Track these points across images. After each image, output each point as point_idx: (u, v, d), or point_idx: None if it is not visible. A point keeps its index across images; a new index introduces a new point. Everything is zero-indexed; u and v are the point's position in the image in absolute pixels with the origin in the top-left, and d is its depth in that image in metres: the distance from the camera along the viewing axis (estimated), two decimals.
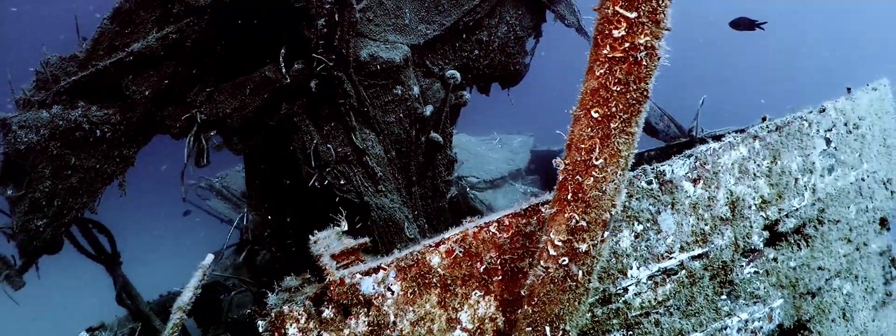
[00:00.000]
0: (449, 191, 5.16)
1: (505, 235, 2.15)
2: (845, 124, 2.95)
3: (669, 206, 2.45)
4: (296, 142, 4.80)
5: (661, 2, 1.42)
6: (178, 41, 4.75)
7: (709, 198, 2.53)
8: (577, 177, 1.67)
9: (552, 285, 1.82)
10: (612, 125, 1.58)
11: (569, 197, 1.69)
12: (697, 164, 2.51)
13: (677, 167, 2.48)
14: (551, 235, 1.77)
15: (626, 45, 1.48)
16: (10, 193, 5.12)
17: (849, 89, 3.14)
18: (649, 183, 2.43)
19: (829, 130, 2.91)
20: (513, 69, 5.49)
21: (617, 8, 1.44)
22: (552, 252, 1.78)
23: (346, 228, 2.27)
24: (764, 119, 3.71)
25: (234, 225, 7.84)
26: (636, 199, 2.39)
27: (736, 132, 3.39)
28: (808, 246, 2.80)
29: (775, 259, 2.72)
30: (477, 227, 2.14)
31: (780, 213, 2.72)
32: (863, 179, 3.07)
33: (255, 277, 6.26)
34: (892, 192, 3.26)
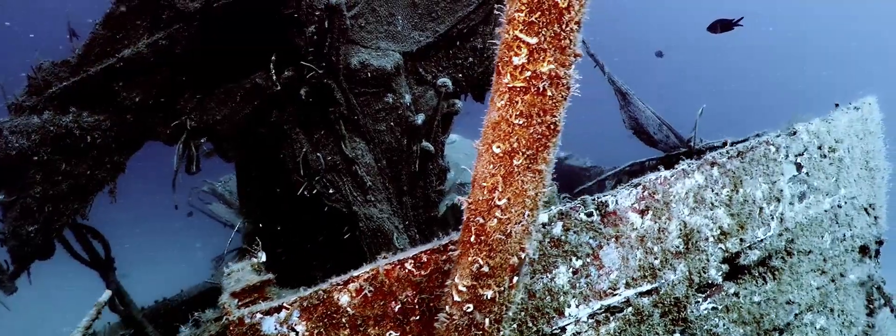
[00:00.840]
0: (442, 200, 5.08)
1: (422, 272, 2.02)
2: (819, 148, 2.80)
3: (613, 239, 2.31)
4: (286, 150, 4.74)
5: (566, 26, 1.30)
6: (168, 47, 4.72)
7: (659, 230, 2.39)
8: (480, 218, 1.53)
9: (457, 333, 1.71)
10: (515, 162, 1.45)
11: (472, 239, 1.58)
12: (645, 193, 2.37)
13: (622, 197, 2.34)
14: (456, 280, 1.65)
15: (528, 73, 1.35)
16: (1, 199, 5.11)
17: (837, 105, 3.01)
18: (589, 215, 2.29)
19: (801, 155, 2.76)
20: None
21: (517, 32, 1.31)
22: (457, 298, 1.65)
23: (263, 259, 2.17)
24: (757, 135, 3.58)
25: (235, 229, 7.80)
26: (574, 232, 2.26)
27: (732, 143, 3.26)
28: (774, 279, 2.65)
29: (736, 294, 2.58)
30: (390, 264, 2.00)
31: (741, 244, 2.57)
32: (839, 206, 2.90)
33: None
34: (875, 218, 3.10)
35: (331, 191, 4.58)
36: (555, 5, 1.28)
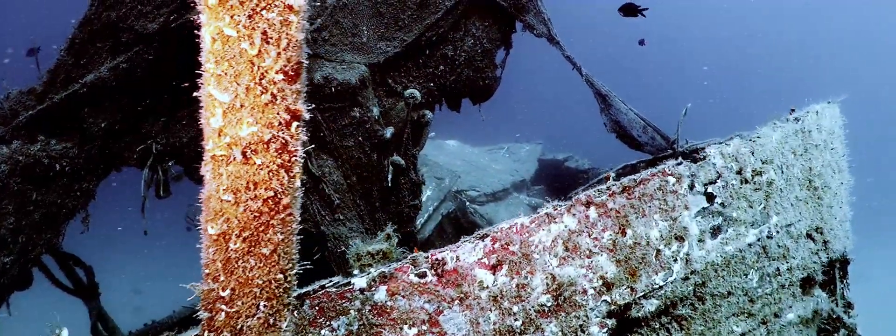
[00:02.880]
0: (417, 215, 4.91)
1: None
2: (739, 172, 2.48)
3: (456, 301, 2.00)
4: None
5: (263, 77, 1.07)
6: (129, 71, 4.62)
7: (518, 286, 2.06)
8: (207, 312, 1.31)
9: None
10: (231, 245, 1.20)
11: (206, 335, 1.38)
12: (496, 246, 2.05)
13: (465, 252, 2.05)
14: None
15: (227, 139, 1.09)
16: None
17: (792, 110, 2.76)
18: (422, 275, 2.00)
19: (712, 183, 2.43)
20: (482, 84, 5.23)
21: (210, 88, 1.05)
22: None
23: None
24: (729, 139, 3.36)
25: None
26: (403, 296, 1.97)
27: (715, 144, 3.02)
28: (681, 329, 2.33)
29: None
30: None
31: (633, 294, 2.24)
32: (770, 237, 2.56)
33: None
34: (824, 243, 2.76)
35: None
36: (242, 52, 1.02)
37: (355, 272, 2.05)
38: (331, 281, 2.06)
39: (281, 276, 1.28)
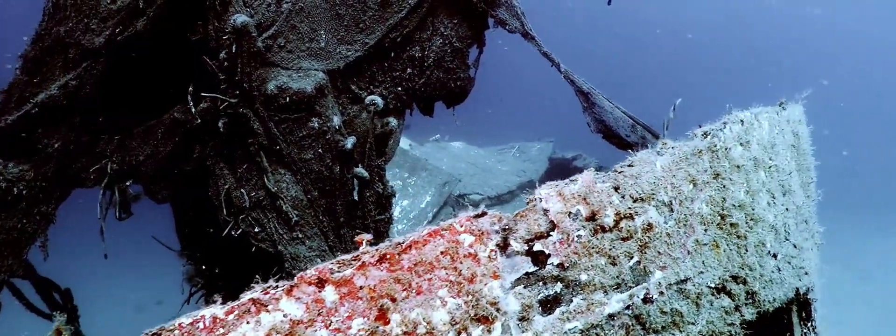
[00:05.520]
0: (388, 229, 4.60)
1: None
2: (591, 218, 1.73)
3: None
4: (211, 187, 4.36)
5: None
6: (78, 88, 4.41)
7: None
8: None
9: None
10: None
11: None
12: None
13: None
14: None
15: None
16: None
17: (700, 125, 2.28)
18: None
19: (543, 237, 1.77)
20: (454, 85, 4.88)
21: None
22: None
23: None
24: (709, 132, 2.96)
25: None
26: None
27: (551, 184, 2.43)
28: None
29: None
30: None
31: None
32: (648, 300, 1.91)
33: None
34: (749, 294, 2.20)
35: (256, 230, 4.17)
36: None
37: None
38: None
39: None
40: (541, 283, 1.72)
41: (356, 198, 4.42)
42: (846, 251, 22.93)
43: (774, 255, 2.35)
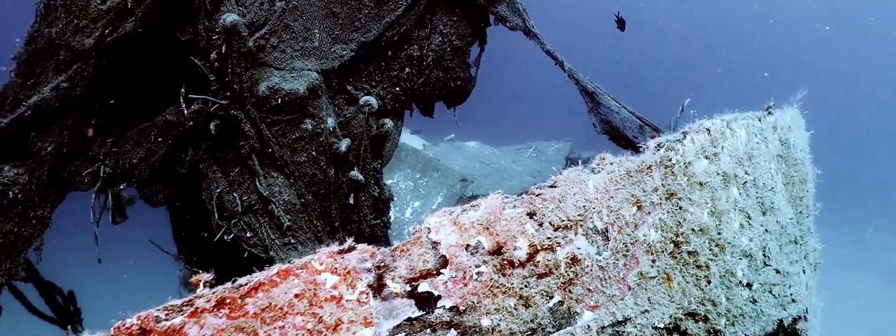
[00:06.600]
0: (386, 234, 4.45)
1: None
2: (496, 251, 1.42)
3: None
4: (204, 191, 4.26)
5: None
6: (69, 90, 4.33)
7: None
8: None
9: None
10: None
11: None
12: None
13: None
14: None
15: None
16: None
17: (653, 136, 2.04)
18: None
19: (432, 275, 1.53)
20: (454, 85, 4.71)
21: None
22: None
23: None
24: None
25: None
26: None
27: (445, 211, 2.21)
28: None
29: None
30: None
31: None
32: None
33: None
34: (712, 333, 1.93)
35: (248, 234, 4.05)
36: None
37: None
38: None
39: None
40: (428, 331, 1.44)
41: (351, 201, 4.28)
42: (871, 254, 22.31)
43: (748, 285, 2.03)
